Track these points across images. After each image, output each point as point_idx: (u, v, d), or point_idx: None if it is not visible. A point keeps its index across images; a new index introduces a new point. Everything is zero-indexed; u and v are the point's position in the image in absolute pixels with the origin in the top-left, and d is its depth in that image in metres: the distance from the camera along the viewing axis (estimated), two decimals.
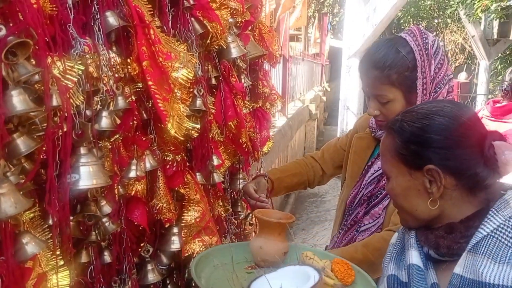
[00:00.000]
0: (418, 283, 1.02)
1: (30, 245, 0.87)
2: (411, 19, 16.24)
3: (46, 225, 0.97)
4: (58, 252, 0.96)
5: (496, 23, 13.04)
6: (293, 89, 8.60)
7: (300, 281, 0.95)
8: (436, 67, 1.57)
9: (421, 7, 16.11)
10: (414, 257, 1.06)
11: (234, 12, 2.07)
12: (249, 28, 2.53)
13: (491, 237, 0.96)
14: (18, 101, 0.81)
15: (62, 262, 0.96)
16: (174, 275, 1.68)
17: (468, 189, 1.03)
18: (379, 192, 1.77)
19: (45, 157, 0.94)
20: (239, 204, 2.29)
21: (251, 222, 2.44)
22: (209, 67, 1.90)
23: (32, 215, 0.95)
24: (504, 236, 0.95)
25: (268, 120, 2.55)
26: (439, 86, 1.58)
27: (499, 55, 14.85)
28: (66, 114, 0.94)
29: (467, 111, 1.09)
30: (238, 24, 2.14)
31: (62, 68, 0.96)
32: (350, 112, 9.22)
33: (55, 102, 0.92)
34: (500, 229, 0.96)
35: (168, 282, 1.64)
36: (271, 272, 1.01)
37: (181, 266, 1.65)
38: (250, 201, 1.94)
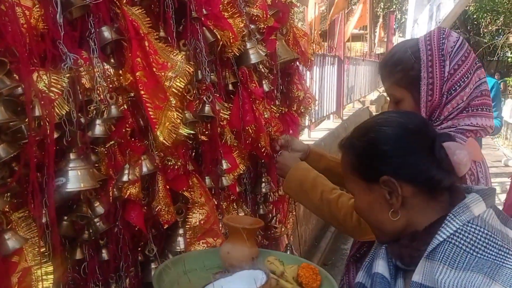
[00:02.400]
0: None
1: (11, 241, 0.97)
2: (486, 15, 15.31)
3: (34, 224, 1.07)
4: (43, 249, 1.05)
5: None
6: (352, 90, 8.45)
7: (247, 284, 0.96)
8: (452, 68, 1.49)
9: (497, 1, 15.13)
10: (380, 266, 1.05)
11: (256, 18, 2.12)
12: (283, 32, 2.57)
13: (448, 242, 0.94)
14: None
15: (46, 259, 1.06)
16: None
17: (428, 194, 1.02)
18: None
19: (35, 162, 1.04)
20: (261, 207, 2.33)
21: (274, 225, 2.47)
22: (227, 73, 1.96)
23: (21, 214, 1.06)
24: (462, 242, 0.93)
25: (296, 123, 2.56)
26: (454, 88, 1.50)
27: None
28: (48, 123, 1.03)
29: (413, 118, 1.09)
30: (261, 30, 2.18)
31: (47, 82, 1.05)
32: None
33: (37, 112, 1.01)
34: (457, 234, 0.94)
35: None
36: (227, 276, 1.04)
37: None
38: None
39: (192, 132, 1.43)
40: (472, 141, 1.15)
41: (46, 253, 1.07)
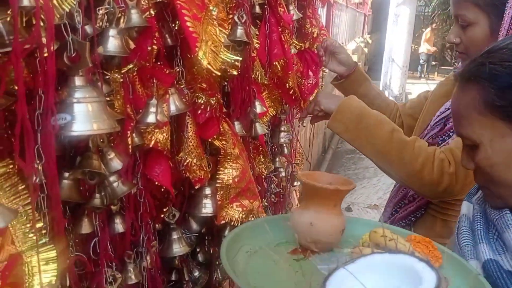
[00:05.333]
0: None
1: None
2: None
3: (24, 186, 0.68)
4: (39, 225, 0.67)
5: None
6: (335, 38, 8.04)
7: (407, 280, 0.62)
8: None
9: None
10: None
11: None
12: None
13: None
14: None
15: (45, 240, 0.68)
16: (206, 242, 1.41)
17: None
18: (441, 139, 1.45)
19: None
20: (278, 159, 1.98)
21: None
22: None
23: (3, 170, 0.66)
24: None
25: (317, 63, 2.18)
26: None
27: None
28: (45, 22, 0.62)
29: None
30: None
31: None
32: (395, 65, 8.65)
33: (26, 1, 0.60)
34: None
35: (198, 250, 1.37)
36: (348, 263, 0.69)
37: (214, 232, 1.37)
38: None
39: (238, 58, 1.04)
40: None
41: (44, 231, 0.69)
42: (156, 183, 0.98)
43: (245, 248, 0.90)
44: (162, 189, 1.03)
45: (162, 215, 1.08)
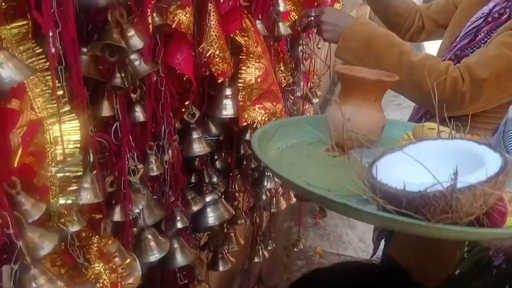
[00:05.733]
0: None
1: (6, 68, 0.53)
2: None
3: (41, 50, 0.62)
4: (60, 92, 0.62)
5: None
6: None
7: (466, 163, 0.56)
8: None
9: None
10: None
11: None
12: None
13: None
14: None
15: (67, 108, 0.63)
16: (223, 150, 1.37)
17: None
18: (471, 51, 1.37)
19: None
20: (296, 74, 1.90)
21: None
22: None
23: (16, 30, 0.60)
24: None
25: None
26: None
27: None
28: None
29: None
30: None
31: None
32: None
33: None
34: None
35: (216, 157, 1.33)
36: (395, 150, 0.63)
37: (233, 139, 1.33)
38: None
39: None
40: None
41: (65, 99, 0.64)
42: (178, 71, 0.92)
43: (275, 144, 0.85)
44: (185, 78, 0.97)
45: (184, 109, 1.03)
